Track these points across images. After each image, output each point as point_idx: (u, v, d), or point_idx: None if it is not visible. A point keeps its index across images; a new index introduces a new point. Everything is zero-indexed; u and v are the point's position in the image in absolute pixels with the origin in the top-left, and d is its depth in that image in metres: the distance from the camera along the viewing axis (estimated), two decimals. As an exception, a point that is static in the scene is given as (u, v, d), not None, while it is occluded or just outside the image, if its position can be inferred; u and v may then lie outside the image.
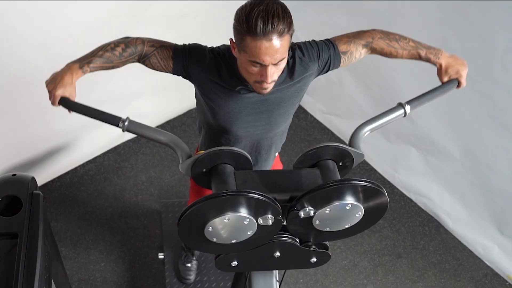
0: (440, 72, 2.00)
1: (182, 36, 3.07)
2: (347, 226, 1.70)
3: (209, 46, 1.91)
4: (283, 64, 1.72)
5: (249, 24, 1.60)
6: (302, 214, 1.60)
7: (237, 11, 1.67)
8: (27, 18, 2.40)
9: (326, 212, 1.61)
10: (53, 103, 1.82)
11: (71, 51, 2.66)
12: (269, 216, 1.58)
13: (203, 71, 1.85)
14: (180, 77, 1.92)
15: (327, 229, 1.70)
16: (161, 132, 1.79)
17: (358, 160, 1.85)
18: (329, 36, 1.98)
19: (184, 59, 1.86)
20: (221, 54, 1.86)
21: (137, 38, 1.86)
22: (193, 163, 1.74)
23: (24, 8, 2.35)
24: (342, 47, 1.94)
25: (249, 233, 1.62)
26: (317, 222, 1.65)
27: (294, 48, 1.89)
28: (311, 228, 1.69)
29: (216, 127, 1.99)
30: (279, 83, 1.85)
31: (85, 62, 1.82)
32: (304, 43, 1.92)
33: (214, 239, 1.63)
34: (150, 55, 1.86)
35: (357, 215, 1.66)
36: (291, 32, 1.65)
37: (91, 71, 1.84)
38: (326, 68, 1.96)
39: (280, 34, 1.61)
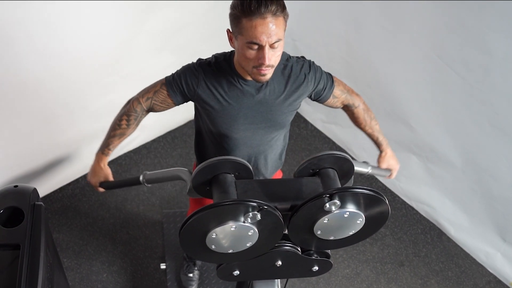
0: (382, 159, 2.34)
1: (180, 47, 3.11)
2: (348, 234, 1.70)
3: (203, 57, 1.97)
4: (280, 49, 1.75)
5: (243, 6, 1.66)
6: (327, 206, 1.59)
7: (231, 3, 1.73)
8: (29, 30, 2.42)
9: (327, 221, 1.62)
10: (96, 190, 2.23)
11: (72, 63, 2.70)
12: (252, 214, 1.55)
13: (200, 81, 1.90)
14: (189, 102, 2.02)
15: (329, 238, 1.70)
16: (170, 170, 1.99)
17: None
18: (328, 44, 2.00)
19: (178, 87, 1.94)
20: (212, 61, 1.91)
21: (133, 102, 2.02)
22: (196, 174, 1.76)
23: (26, 20, 2.37)
24: (336, 91, 2.08)
25: (249, 243, 1.62)
26: (319, 232, 1.65)
27: (304, 61, 1.97)
28: (312, 236, 1.69)
29: (216, 133, 2.00)
30: (278, 86, 1.88)
31: (105, 148, 2.11)
32: (313, 63, 2.00)
33: (216, 249, 1.63)
34: (152, 106, 2.01)
35: (358, 223, 1.66)
36: (284, 15, 1.70)
37: (112, 150, 2.12)
38: (316, 95, 2.05)
39: (274, 13, 1.66)
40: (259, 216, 1.55)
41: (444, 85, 2.87)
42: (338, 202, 1.57)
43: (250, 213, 1.54)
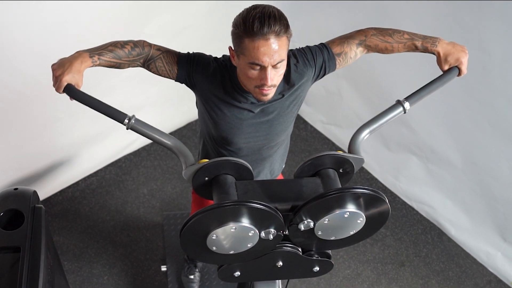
0: (439, 60, 1.94)
1: (180, 50, 3.10)
2: (349, 235, 1.70)
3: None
4: (282, 68, 1.73)
5: (246, 25, 1.63)
6: (302, 227, 1.62)
7: (234, 19, 1.70)
8: (28, 33, 2.42)
9: (327, 221, 1.62)
10: (57, 89, 1.76)
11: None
12: (272, 230, 1.60)
13: (207, 80, 1.86)
14: (183, 85, 1.92)
15: (329, 238, 1.70)
16: (167, 135, 1.75)
17: (359, 166, 1.85)
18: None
19: (188, 66, 1.87)
20: (223, 64, 1.87)
21: (144, 41, 1.87)
22: (197, 171, 1.75)
23: (25, 23, 2.37)
24: (336, 49, 1.93)
25: (250, 244, 1.62)
26: (320, 233, 1.65)
27: (289, 55, 1.87)
28: (313, 237, 1.69)
29: (218, 137, 2.00)
30: (277, 93, 1.87)
31: (95, 53, 1.78)
32: (298, 49, 1.93)
33: (216, 250, 1.63)
34: (156, 58, 1.85)
35: (358, 223, 1.66)
36: (288, 35, 1.67)
37: (100, 63, 1.80)
38: (322, 72, 1.95)
39: (277, 34, 1.63)
40: (271, 237, 1.59)
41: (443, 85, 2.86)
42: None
43: (272, 230, 1.59)
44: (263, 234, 1.60)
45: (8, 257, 1.82)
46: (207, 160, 1.76)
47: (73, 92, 1.73)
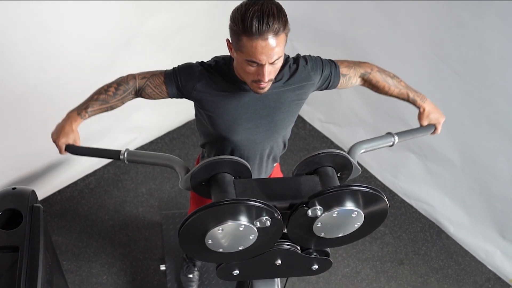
0: (421, 115, 2.13)
1: (178, 49, 3.10)
2: (347, 232, 1.70)
3: (202, 59, 1.94)
4: (279, 63, 1.73)
5: (244, 24, 1.62)
6: (310, 212, 1.60)
7: (232, 12, 1.68)
8: (25, 33, 2.42)
9: (327, 218, 1.62)
10: (60, 152, 1.94)
11: (69, 66, 2.69)
12: (265, 217, 1.58)
13: (197, 84, 1.87)
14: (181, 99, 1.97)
15: (328, 236, 1.70)
16: (157, 155, 1.87)
17: (354, 174, 1.91)
18: (325, 44, 2.00)
19: (176, 80, 1.89)
20: (212, 65, 1.89)
21: (128, 75, 1.93)
22: (190, 178, 1.76)
23: (22, 23, 2.37)
24: (343, 70, 2.01)
25: (250, 240, 1.62)
26: (318, 227, 1.65)
27: (299, 57, 1.93)
28: (311, 235, 1.69)
29: (217, 137, 1.99)
30: (279, 85, 1.88)
31: (82, 109, 1.92)
32: (310, 55, 1.97)
33: (215, 248, 1.63)
34: (144, 87, 1.91)
35: (357, 221, 1.66)
36: (286, 31, 1.67)
37: (89, 115, 1.93)
38: (325, 84, 2.01)
39: (276, 33, 1.63)
40: (268, 223, 1.56)
41: (441, 83, 2.87)
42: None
43: (263, 218, 1.56)
44: (258, 223, 1.58)
45: (7, 257, 1.81)
46: (197, 165, 1.78)
47: (72, 150, 1.93)
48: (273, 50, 1.64)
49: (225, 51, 1.91)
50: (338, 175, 1.85)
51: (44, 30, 2.47)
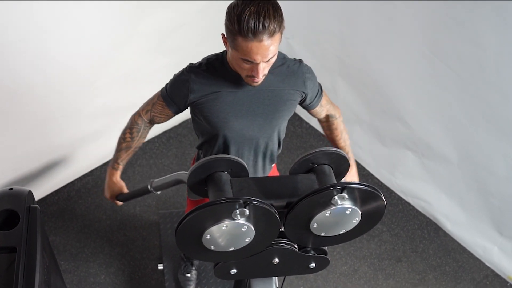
0: (348, 173, 2.24)
1: (174, 49, 3.10)
2: (344, 231, 1.70)
3: (198, 58, 1.95)
4: (274, 59, 1.74)
5: (240, 25, 1.62)
6: (337, 199, 1.56)
7: (228, 8, 1.68)
8: (22, 34, 2.41)
9: (324, 216, 1.61)
10: (116, 204, 2.33)
11: (65, 66, 2.69)
12: (239, 210, 1.54)
13: (190, 95, 1.89)
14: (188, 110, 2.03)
15: (325, 234, 1.70)
16: (172, 175, 2.06)
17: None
18: (321, 42, 2.00)
19: (173, 99, 1.94)
20: (202, 63, 1.90)
21: (133, 116, 2.08)
22: (187, 178, 1.77)
23: (18, 23, 2.36)
24: (323, 100, 2.10)
25: (247, 240, 1.62)
26: (315, 226, 1.65)
27: (301, 62, 1.96)
28: (309, 233, 1.69)
29: (214, 134, 2.00)
30: (275, 82, 1.89)
31: (114, 162, 2.16)
32: (311, 69, 2.00)
33: (212, 247, 1.63)
34: (152, 118, 2.04)
35: (354, 219, 1.66)
36: (282, 29, 1.68)
37: (122, 165, 2.17)
38: (307, 100, 2.04)
39: (271, 34, 1.63)
40: (247, 212, 1.53)
41: (438, 81, 2.87)
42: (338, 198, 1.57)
43: (238, 210, 1.53)
44: (237, 215, 1.54)
45: (4, 258, 1.80)
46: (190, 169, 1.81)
47: (121, 198, 2.26)
48: (268, 49, 1.65)
49: (221, 49, 1.91)
50: (336, 168, 1.84)
51: (40, 30, 2.46)
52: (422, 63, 2.89)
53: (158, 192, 2.15)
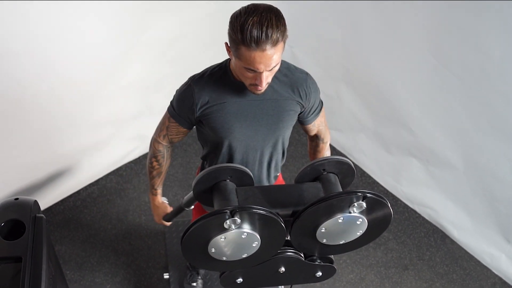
0: None
1: (179, 57, 3.11)
2: (351, 239, 1.69)
3: (201, 68, 1.95)
4: (277, 67, 1.74)
5: (243, 35, 1.61)
6: (355, 208, 1.58)
7: (231, 17, 1.68)
8: (27, 43, 2.42)
9: (331, 225, 1.61)
10: (165, 225, 2.53)
11: (71, 75, 2.70)
12: (229, 221, 1.54)
13: (194, 101, 1.88)
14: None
15: (331, 243, 1.69)
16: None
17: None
18: (325, 50, 1.99)
19: (181, 115, 1.95)
20: (205, 74, 1.90)
21: (153, 143, 2.11)
22: (193, 187, 1.77)
23: (24, 32, 2.37)
24: (319, 118, 2.10)
25: (253, 248, 1.61)
26: (322, 233, 1.64)
27: (308, 74, 1.96)
28: (315, 242, 1.68)
29: (219, 143, 1.99)
30: (278, 86, 1.89)
31: (152, 189, 2.26)
32: (317, 87, 2.00)
33: (218, 256, 1.62)
34: (171, 140, 2.07)
35: (360, 228, 1.65)
36: (285, 38, 1.67)
37: (159, 189, 2.26)
38: (305, 112, 2.03)
39: (274, 44, 1.63)
40: (238, 220, 1.52)
41: (442, 87, 2.87)
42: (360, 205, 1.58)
43: (227, 220, 1.52)
44: (227, 223, 1.54)
45: (10, 268, 1.81)
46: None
47: (166, 219, 2.41)
48: (271, 58, 1.65)
49: (225, 58, 1.92)
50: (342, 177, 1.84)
51: (44, 39, 2.47)
52: (426, 69, 2.89)
53: (191, 207, 2.21)
